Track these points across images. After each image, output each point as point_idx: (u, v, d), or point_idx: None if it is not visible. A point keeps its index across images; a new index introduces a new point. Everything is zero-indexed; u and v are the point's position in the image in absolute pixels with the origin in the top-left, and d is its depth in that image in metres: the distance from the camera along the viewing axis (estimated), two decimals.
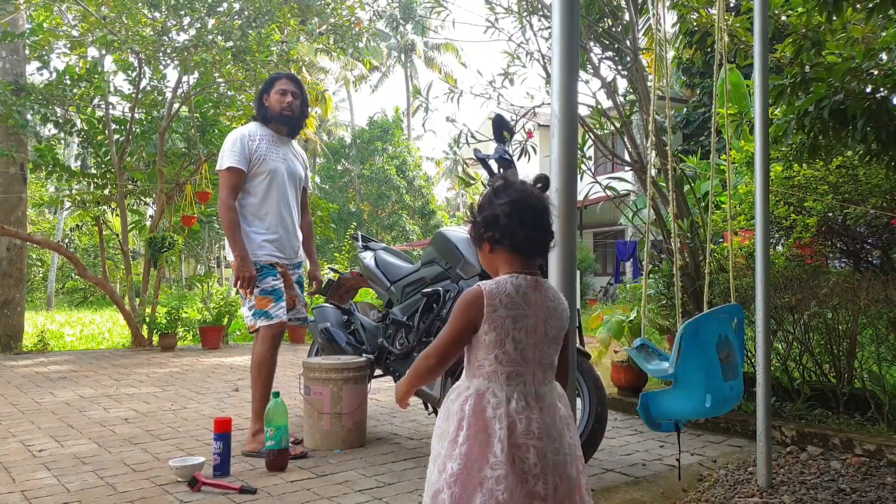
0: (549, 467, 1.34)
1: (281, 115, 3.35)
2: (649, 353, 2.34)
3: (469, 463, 1.34)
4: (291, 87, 3.39)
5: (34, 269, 22.58)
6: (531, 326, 1.37)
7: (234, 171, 3.18)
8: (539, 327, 1.38)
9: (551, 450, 1.34)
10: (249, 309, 3.22)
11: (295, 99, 3.38)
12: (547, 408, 1.37)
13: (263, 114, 3.39)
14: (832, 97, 2.94)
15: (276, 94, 3.36)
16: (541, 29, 4.34)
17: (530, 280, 1.38)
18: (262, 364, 3.18)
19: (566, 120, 1.53)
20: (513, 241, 1.38)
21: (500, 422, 1.33)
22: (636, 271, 14.62)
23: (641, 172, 4.19)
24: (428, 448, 3.27)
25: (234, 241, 3.13)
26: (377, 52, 29.91)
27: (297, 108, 3.40)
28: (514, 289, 1.36)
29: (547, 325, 1.39)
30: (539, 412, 1.36)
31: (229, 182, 3.18)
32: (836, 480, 2.66)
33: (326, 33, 10.22)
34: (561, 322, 1.42)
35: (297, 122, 3.44)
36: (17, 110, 7.58)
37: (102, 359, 7.03)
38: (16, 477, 2.79)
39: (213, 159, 8.74)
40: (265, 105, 3.39)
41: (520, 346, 1.36)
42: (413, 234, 27.54)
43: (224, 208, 3.15)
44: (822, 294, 3.28)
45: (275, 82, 3.41)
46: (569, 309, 1.46)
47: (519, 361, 1.36)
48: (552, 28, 1.57)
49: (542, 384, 1.39)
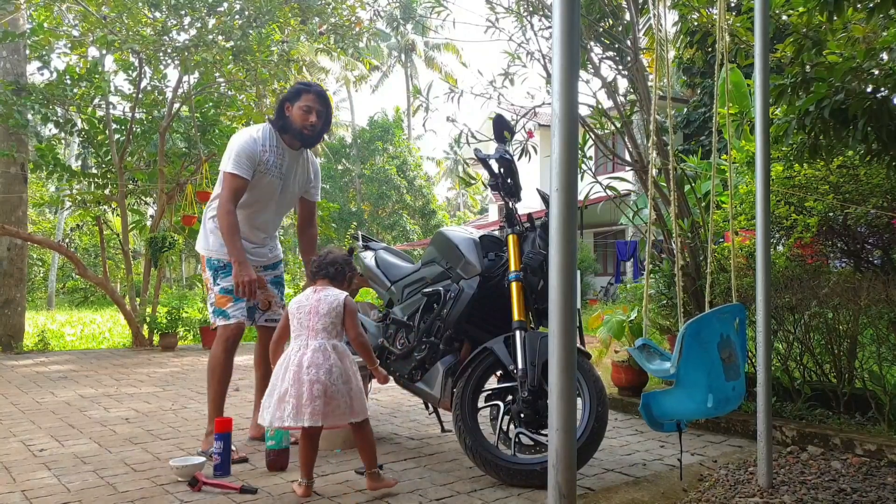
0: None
1: (301, 132, 3.18)
2: (651, 353, 2.34)
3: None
4: (318, 105, 3.18)
5: (35, 269, 22.60)
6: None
7: (239, 178, 3.06)
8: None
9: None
10: (210, 305, 3.20)
11: (319, 118, 3.19)
12: (315, 350, 2.44)
13: (282, 123, 3.19)
14: (833, 97, 2.94)
15: (300, 109, 3.15)
16: (541, 29, 4.35)
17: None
18: (215, 366, 3.12)
19: (567, 120, 1.53)
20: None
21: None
22: (637, 271, 14.62)
23: (642, 172, 4.18)
24: (429, 448, 3.27)
25: (232, 244, 3.02)
26: (377, 51, 29.91)
27: (318, 127, 3.21)
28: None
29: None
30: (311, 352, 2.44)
31: (232, 186, 3.06)
32: (837, 480, 2.66)
33: (327, 33, 10.22)
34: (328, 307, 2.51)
35: (313, 140, 3.27)
36: (17, 110, 7.59)
37: (103, 358, 7.03)
38: (16, 477, 2.79)
39: (213, 159, 8.75)
40: (286, 114, 3.19)
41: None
42: (413, 233, 27.54)
43: (224, 211, 3.03)
44: (822, 294, 3.28)
45: (302, 94, 3.18)
46: (341, 301, 2.52)
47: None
48: (553, 28, 1.56)
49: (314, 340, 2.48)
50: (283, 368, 2.45)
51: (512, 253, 2.89)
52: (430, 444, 3.38)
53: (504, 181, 3.07)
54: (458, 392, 2.77)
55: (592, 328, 5.06)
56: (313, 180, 3.45)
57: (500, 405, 2.77)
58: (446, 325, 2.99)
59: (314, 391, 2.37)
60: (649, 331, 4.27)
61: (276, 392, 2.42)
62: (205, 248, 3.27)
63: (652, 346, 2.35)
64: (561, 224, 1.53)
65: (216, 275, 3.19)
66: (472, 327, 3.07)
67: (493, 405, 2.83)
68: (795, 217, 4.02)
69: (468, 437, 2.68)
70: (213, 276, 3.20)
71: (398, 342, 3.24)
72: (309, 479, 2.51)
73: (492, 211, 26.75)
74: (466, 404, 2.73)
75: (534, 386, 2.64)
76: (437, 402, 3.04)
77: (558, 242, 1.53)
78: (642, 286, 2.57)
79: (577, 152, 1.53)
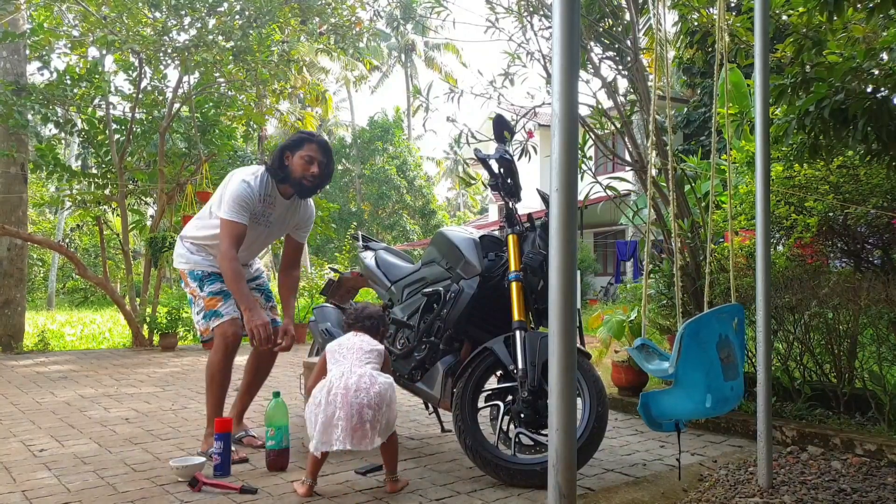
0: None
1: (301, 182, 3.09)
2: (650, 353, 2.34)
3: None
4: (320, 156, 3.10)
5: (35, 269, 22.60)
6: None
7: (238, 225, 2.98)
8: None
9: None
10: (199, 313, 3.13)
11: (320, 169, 3.10)
12: (360, 376, 2.53)
13: (282, 174, 3.10)
14: (833, 97, 2.94)
15: (301, 159, 3.07)
16: (541, 29, 4.35)
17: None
18: (214, 373, 3.07)
19: (567, 120, 1.53)
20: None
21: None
22: (636, 271, 14.62)
23: (642, 172, 4.19)
24: (429, 448, 3.28)
25: (239, 292, 2.94)
26: (377, 52, 29.92)
27: (318, 178, 3.11)
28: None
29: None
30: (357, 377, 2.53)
31: (233, 233, 2.97)
32: (837, 480, 2.66)
33: (327, 33, 10.23)
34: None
35: (311, 192, 3.19)
36: (17, 110, 7.59)
37: (103, 358, 7.04)
38: (16, 477, 2.79)
39: (213, 159, 8.76)
40: (285, 163, 3.09)
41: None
42: (413, 234, 27.55)
43: (227, 259, 2.94)
44: (822, 294, 3.28)
45: (304, 144, 3.10)
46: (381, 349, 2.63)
47: None
48: (553, 28, 1.56)
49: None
50: (326, 393, 2.45)
51: (512, 253, 2.89)
52: (430, 444, 3.38)
53: (504, 181, 3.07)
54: (458, 392, 2.77)
55: (592, 328, 5.07)
56: (303, 225, 3.37)
57: (500, 405, 2.77)
58: (446, 325, 2.99)
59: (364, 415, 2.41)
60: (648, 331, 4.27)
61: (321, 417, 2.42)
62: (185, 263, 3.21)
63: (651, 346, 2.35)
64: (561, 224, 1.53)
65: (202, 283, 3.15)
66: (473, 327, 3.07)
67: (493, 405, 2.83)
68: (795, 217, 4.02)
69: (468, 437, 2.68)
70: (199, 285, 3.15)
71: (398, 342, 3.24)
72: (313, 480, 2.53)
73: (492, 211, 26.75)
74: (466, 404, 2.73)
75: (534, 386, 2.64)
76: (437, 402, 3.04)
77: (558, 242, 1.53)
78: (642, 286, 2.57)
79: (576, 152, 1.54)
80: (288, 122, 15.47)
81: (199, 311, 3.14)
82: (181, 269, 3.25)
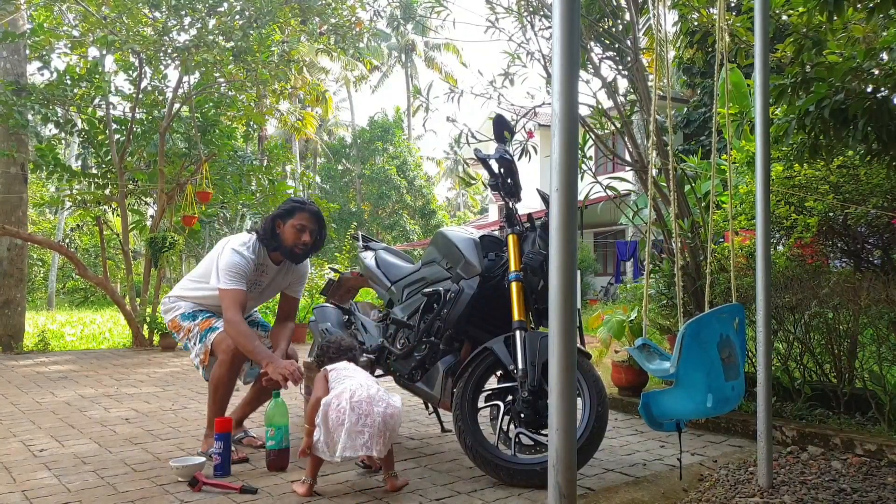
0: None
1: (292, 251, 3.12)
2: (650, 353, 2.33)
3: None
4: (312, 224, 3.13)
5: (35, 269, 22.60)
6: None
7: (238, 291, 2.99)
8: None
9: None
10: (194, 340, 3.12)
11: (311, 238, 3.14)
12: (377, 389, 2.60)
13: (274, 243, 3.12)
14: (833, 97, 2.94)
15: (292, 227, 3.09)
16: (541, 29, 4.35)
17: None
18: (218, 386, 3.06)
19: (567, 120, 1.53)
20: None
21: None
22: (637, 271, 14.62)
23: (642, 172, 4.19)
24: (429, 448, 3.27)
25: (255, 351, 2.93)
26: (377, 51, 29.93)
27: (309, 246, 3.15)
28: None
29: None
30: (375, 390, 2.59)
31: (235, 300, 2.97)
32: (837, 480, 2.66)
33: (327, 33, 10.24)
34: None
35: (302, 259, 3.21)
36: (17, 110, 7.59)
37: (103, 359, 7.04)
38: (16, 477, 2.79)
39: (213, 159, 8.76)
40: (276, 231, 3.11)
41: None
42: (414, 234, 27.56)
43: (233, 326, 2.93)
44: (822, 294, 3.28)
45: (296, 213, 3.12)
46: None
47: None
48: (553, 28, 1.56)
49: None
50: (346, 402, 2.47)
51: (512, 253, 2.89)
52: (430, 444, 3.38)
53: (504, 181, 3.07)
54: (458, 392, 2.77)
55: (592, 328, 5.07)
56: (297, 283, 3.38)
57: (500, 405, 2.77)
58: (446, 325, 2.99)
59: (387, 423, 2.48)
60: (649, 331, 4.27)
61: (346, 423, 2.44)
62: (173, 311, 3.22)
63: (652, 345, 2.35)
64: (561, 224, 1.53)
65: (194, 316, 3.17)
66: (473, 327, 3.07)
67: (494, 405, 2.83)
68: (795, 217, 4.02)
69: (468, 437, 2.68)
70: (191, 319, 3.16)
71: (398, 342, 3.24)
72: (313, 480, 2.54)
73: (492, 211, 26.76)
74: (466, 404, 2.73)
75: (534, 386, 2.64)
76: (438, 402, 3.04)
77: (558, 242, 1.53)
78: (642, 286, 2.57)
79: (577, 152, 1.53)
80: (288, 123, 15.46)
81: (194, 338, 3.12)
82: (172, 319, 3.23)
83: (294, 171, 23.22)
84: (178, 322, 3.22)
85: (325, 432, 2.47)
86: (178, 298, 3.27)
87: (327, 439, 2.46)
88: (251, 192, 9.99)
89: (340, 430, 2.42)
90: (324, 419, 2.46)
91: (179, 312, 3.22)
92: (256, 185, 10.02)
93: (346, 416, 2.43)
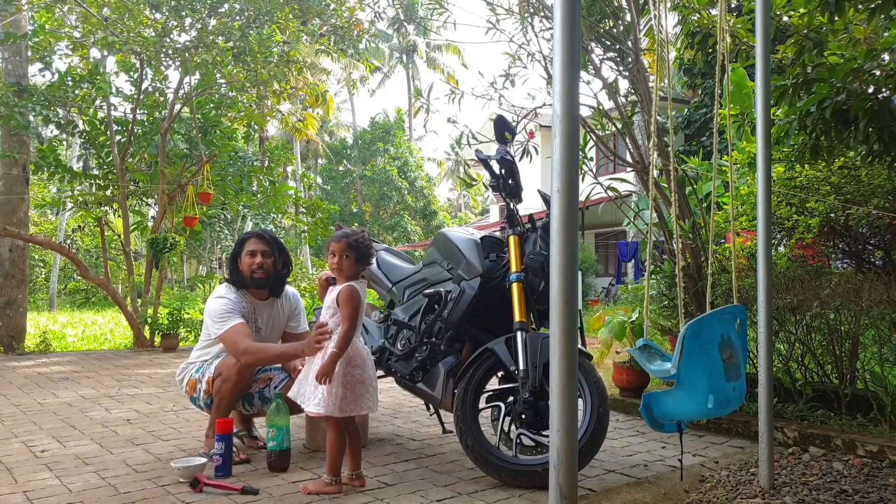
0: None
1: (252, 277, 3.11)
2: (652, 354, 2.34)
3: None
4: (261, 246, 3.13)
5: (36, 270, 22.61)
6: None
7: (236, 325, 2.98)
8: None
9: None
10: (201, 372, 3.10)
11: (266, 258, 3.13)
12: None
13: (239, 278, 3.13)
14: (834, 98, 2.94)
15: (246, 256, 3.13)
16: (542, 30, 4.35)
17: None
18: (223, 396, 3.02)
19: (568, 121, 1.53)
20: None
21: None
22: (638, 272, 14.61)
23: (643, 173, 4.19)
24: (430, 449, 3.27)
25: (282, 353, 2.97)
26: (378, 53, 29.97)
27: (269, 267, 3.13)
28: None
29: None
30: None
31: (237, 332, 2.95)
32: (839, 481, 2.66)
33: (327, 34, 10.24)
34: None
35: (274, 282, 3.18)
36: (19, 112, 7.60)
37: (104, 359, 7.04)
38: (18, 477, 2.80)
39: (214, 160, 8.76)
40: (239, 269, 3.14)
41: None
42: (415, 234, 27.58)
43: (249, 353, 2.90)
44: (824, 295, 3.28)
45: (244, 243, 3.17)
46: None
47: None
48: (553, 29, 1.57)
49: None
50: (364, 359, 2.65)
51: (513, 254, 2.89)
52: (431, 445, 3.37)
53: (505, 182, 3.07)
54: (459, 393, 2.77)
55: (594, 329, 5.07)
56: (294, 317, 3.37)
57: (501, 406, 2.77)
58: (447, 326, 2.99)
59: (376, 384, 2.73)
60: (650, 331, 4.27)
61: (369, 380, 2.63)
62: (189, 371, 3.20)
63: (653, 346, 2.35)
64: (562, 225, 1.53)
65: (204, 364, 3.16)
66: (474, 328, 3.07)
67: (495, 406, 2.83)
68: (797, 218, 4.02)
69: (469, 438, 2.68)
70: (202, 368, 3.15)
71: (399, 343, 3.24)
72: (339, 476, 2.61)
73: (493, 212, 26.76)
74: (468, 405, 2.73)
75: (535, 387, 2.64)
76: (439, 403, 3.04)
77: (559, 243, 1.53)
78: (643, 287, 2.57)
79: (578, 153, 1.54)
80: (289, 123, 15.46)
81: (202, 374, 3.11)
82: (188, 379, 3.18)
83: (295, 172, 23.24)
84: (193, 379, 3.18)
85: (343, 386, 2.54)
86: (188, 364, 3.25)
87: (347, 393, 2.54)
88: (252, 193, 9.99)
89: (361, 388, 2.57)
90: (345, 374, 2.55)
91: (189, 372, 3.21)
92: (257, 186, 10.03)
93: (367, 372, 2.61)
